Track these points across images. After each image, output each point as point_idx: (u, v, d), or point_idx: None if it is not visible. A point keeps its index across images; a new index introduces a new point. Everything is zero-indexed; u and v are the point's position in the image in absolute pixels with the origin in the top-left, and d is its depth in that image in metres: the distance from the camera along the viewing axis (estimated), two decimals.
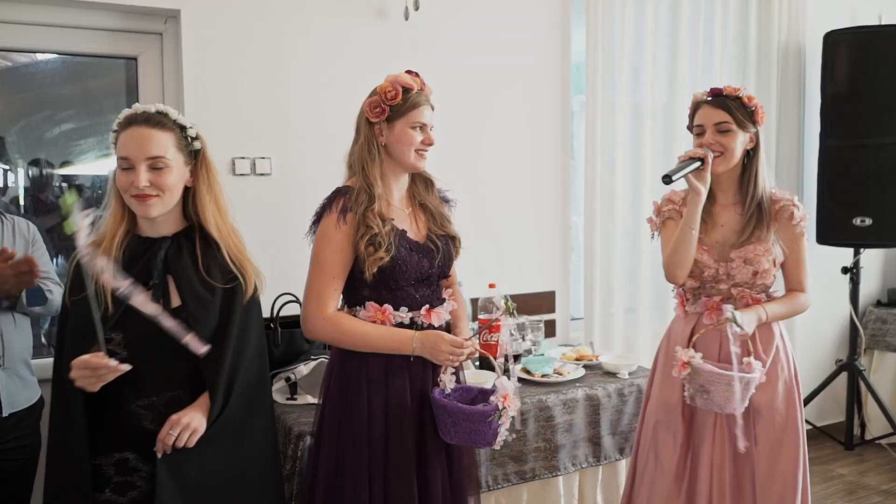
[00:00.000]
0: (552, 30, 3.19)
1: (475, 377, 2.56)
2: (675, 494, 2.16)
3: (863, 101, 3.57)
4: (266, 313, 2.60)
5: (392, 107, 1.86)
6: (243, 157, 2.63)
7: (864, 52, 3.57)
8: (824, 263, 3.92)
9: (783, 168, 3.78)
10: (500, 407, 1.80)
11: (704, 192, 2.05)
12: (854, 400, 3.92)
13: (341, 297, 1.91)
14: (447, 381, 1.92)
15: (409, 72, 1.92)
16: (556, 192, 3.25)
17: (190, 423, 1.60)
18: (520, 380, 2.63)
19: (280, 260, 2.68)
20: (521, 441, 2.41)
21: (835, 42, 3.62)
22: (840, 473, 3.66)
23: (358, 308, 1.89)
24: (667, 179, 1.98)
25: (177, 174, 1.64)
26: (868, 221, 3.59)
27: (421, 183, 2.01)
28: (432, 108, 1.93)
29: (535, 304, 3.21)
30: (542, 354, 2.86)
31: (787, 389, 2.15)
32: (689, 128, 2.23)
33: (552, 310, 3.28)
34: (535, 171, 3.21)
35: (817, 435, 4.01)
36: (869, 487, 3.50)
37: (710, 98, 2.16)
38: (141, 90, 2.59)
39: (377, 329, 1.85)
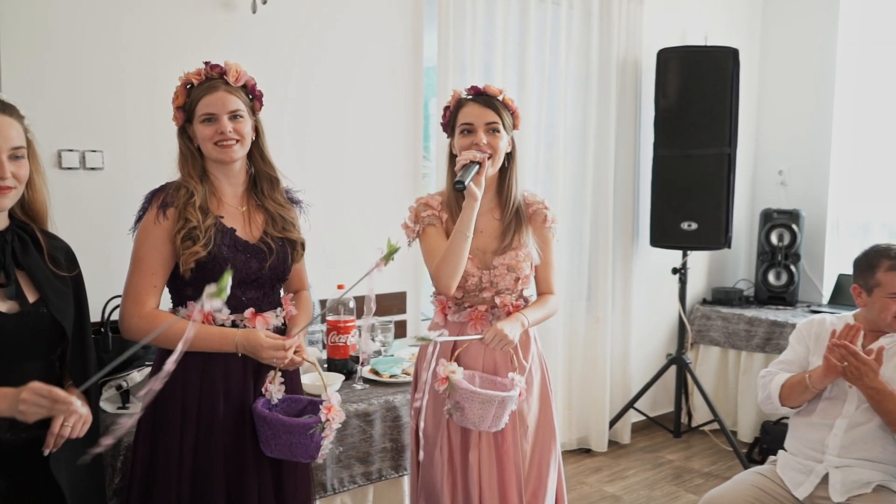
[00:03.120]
0: (405, 32, 3.22)
1: (325, 378, 2.53)
2: None
3: (690, 114, 3.87)
4: (96, 317, 2.45)
5: (182, 108, 1.83)
6: (71, 150, 2.45)
7: (691, 69, 3.87)
8: (656, 265, 4.23)
9: (621, 175, 4.02)
10: (324, 419, 1.74)
11: (480, 196, 1.98)
12: (682, 391, 4.24)
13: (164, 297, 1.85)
14: (274, 391, 1.85)
15: (206, 63, 1.84)
16: (408, 193, 3.27)
17: (82, 413, 1.54)
18: (368, 381, 2.63)
19: (112, 260, 2.52)
20: (368, 442, 2.41)
21: (666, 59, 3.90)
22: (669, 459, 3.95)
23: (179, 308, 1.84)
24: (461, 186, 1.90)
25: (28, 165, 1.58)
26: (694, 226, 3.90)
27: (265, 182, 1.93)
28: (237, 94, 1.82)
29: (386, 304, 3.22)
30: (392, 355, 2.88)
31: (542, 392, 2.21)
32: (446, 125, 2.16)
33: (403, 310, 3.31)
34: (386, 173, 3.22)
35: (650, 425, 4.31)
36: (693, 471, 3.80)
37: (475, 96, 2.09)
38: None
39: (198, 326, 1.75)
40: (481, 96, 2.09)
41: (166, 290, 1.88)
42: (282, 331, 1.92)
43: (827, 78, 4.33)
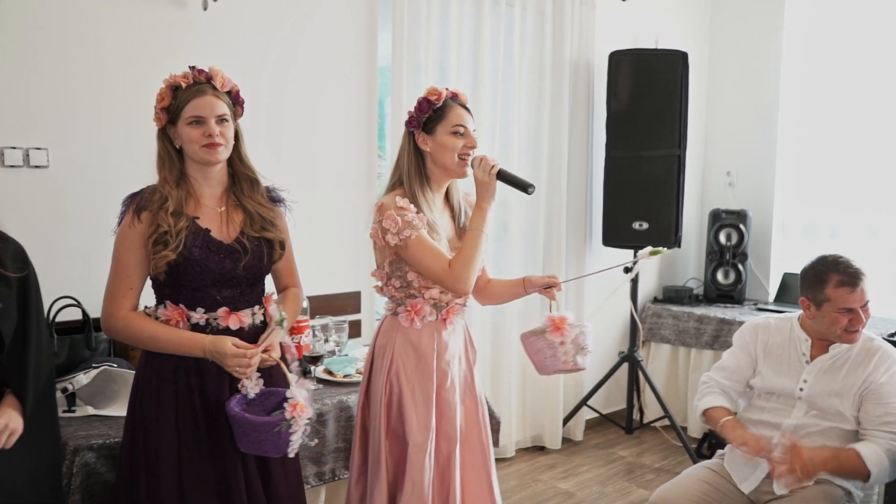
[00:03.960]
0: (358, 32, 3.21)
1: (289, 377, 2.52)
2: None
3: (641, 115, 3.94)
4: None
5: (167, 109, 1.86)
6: (14, 148, 2.38)
7: (642, 72, 3.94)
8: (609, 264, 4.28)
9: (574, 176, 4.07)
10: (289, 416, 1.79)
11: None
12: (634, 388, 4.32)
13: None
14: (250, 386, 1.88)
15: (192, 67, 1.88)
16: (363, 192, 3.28)
17: (8, 424, 1.59)
18: (321, 381, 2.62)
19: (58, 261, 2.47)
20: (321, 443, 2.40)
21: (618, 62, 3.97)
22: (621, 455, 4.02)
23: (159, 307, 1.89)
24: (534, 188, 2.08)
25: None
26: (645, 226, 3.97)
27: (245, 182, 1.97)
28: (223, 99, 1.87)
29: (341, 304, 3.21)
30: (346, 355, 2.88)
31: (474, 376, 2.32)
32: (423, 120, 2.11)
33: (358, 310, 3.30)
34: (340, 172, 3.21)
35: (602, 422, 4.38)
36: (645, 466, 3.87)
37: (458, 100, 2.15)
38: None
39: (168, 330, 1.84)
40: (461, 101, 2.16)
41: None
42: (261, 329, 1.95)
43: (772, 83, 4.45)
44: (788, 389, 2.32)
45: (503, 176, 2.09)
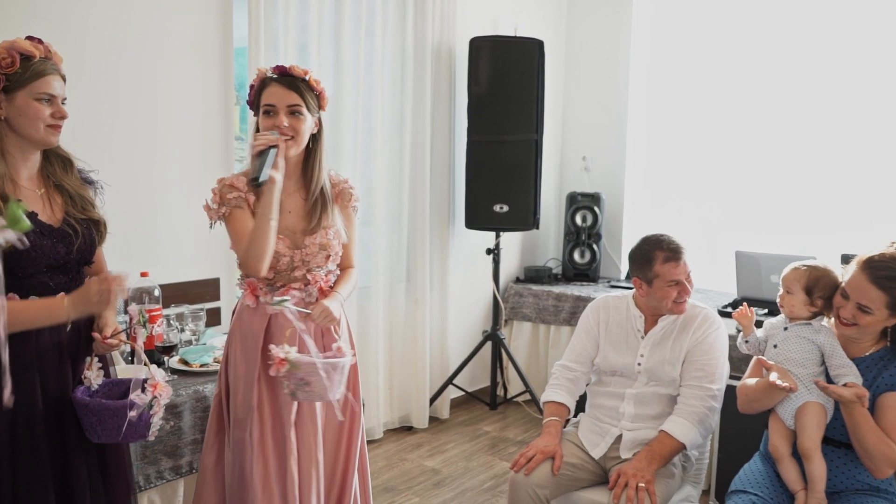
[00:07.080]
0: (211, 9, 3.09)
1: (125, 372, 2.41)
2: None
3: (500, 101, 4.05)
4: None
5: (9, 76, 1.70)
6: None
7: (501, 59, 4.05)
8: (472, 246, 4.40)
9: (437, 160, 4.13)
10: (152, 396, 1.77)
11: (280, 178, 2.02)
12: (497, 365, 4.47)
13: None
14: (93, 376, 1.84)
15: (29, 38, 1.76)
16: (219, 176, 3.16)
17: None
18: (175, 371, 2.54)
19: None
20: (176, 435, 2.33)
21: (478, 47, 4.05)
22: (486, 431, 4.16)
23: None
24: (257, 183, 1.94)
25: None
26: (506, 208, 4.11)
27: (58, 162, 1.87)
28: (63, 79, 1.79)
29: (198, 292, 3.11)
30: (205, 344, 2.80)
31: (352, 368, 2.29)
32: (252, 103, 2.15)
33: (217, 297, 3.21)
34: (193, 155, 3.09)
35: (468, 399, 4.51)
36: (508, 440, 4.03)
37: (279, 76, 2.10)
38: None
39: (15, 303, 1.69)
40: (286, 77, 2.10)
41: None
42: (91, 317, 1.87)
43: (622, 74, 4.70)
44: (629, 367, 2.48)
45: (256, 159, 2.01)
